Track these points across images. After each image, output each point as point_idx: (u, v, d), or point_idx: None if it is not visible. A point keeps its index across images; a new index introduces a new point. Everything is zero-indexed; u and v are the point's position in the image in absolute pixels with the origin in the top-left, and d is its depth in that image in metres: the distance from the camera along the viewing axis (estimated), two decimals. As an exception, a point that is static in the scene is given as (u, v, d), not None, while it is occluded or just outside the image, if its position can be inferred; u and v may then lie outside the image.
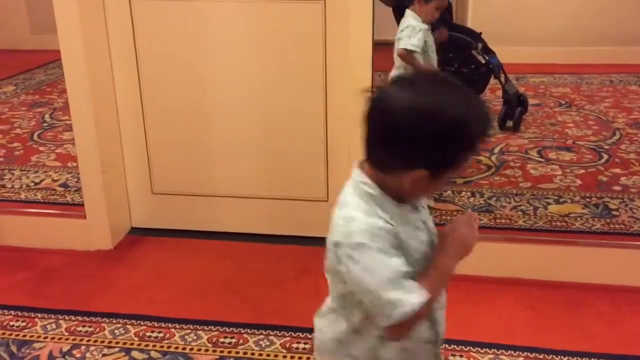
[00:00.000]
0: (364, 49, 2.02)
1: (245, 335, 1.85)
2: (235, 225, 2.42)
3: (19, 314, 1.97)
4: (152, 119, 2.36)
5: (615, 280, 2.04)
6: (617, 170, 2.85)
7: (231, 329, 1.88)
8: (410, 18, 2.84)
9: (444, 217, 2.45)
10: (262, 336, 1.85)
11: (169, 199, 2.44)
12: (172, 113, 2.34)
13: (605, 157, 3.02)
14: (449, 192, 2.67)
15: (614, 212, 2.44)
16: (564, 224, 2.37)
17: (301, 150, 2.31)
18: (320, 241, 2.56)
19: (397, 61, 2.81)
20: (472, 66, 3.54)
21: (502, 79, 3.50)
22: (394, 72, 2.84)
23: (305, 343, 1.81)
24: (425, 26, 2.84)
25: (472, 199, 2.59)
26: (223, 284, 2.12)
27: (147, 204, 2.46)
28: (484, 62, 3.51)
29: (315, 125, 2.27)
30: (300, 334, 1.85)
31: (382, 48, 2.49)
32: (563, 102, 3.90)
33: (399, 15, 3.64)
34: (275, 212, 2.40)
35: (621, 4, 4.61)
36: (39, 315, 1.96)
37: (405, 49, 2.77)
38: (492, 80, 3.61)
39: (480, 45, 3.52)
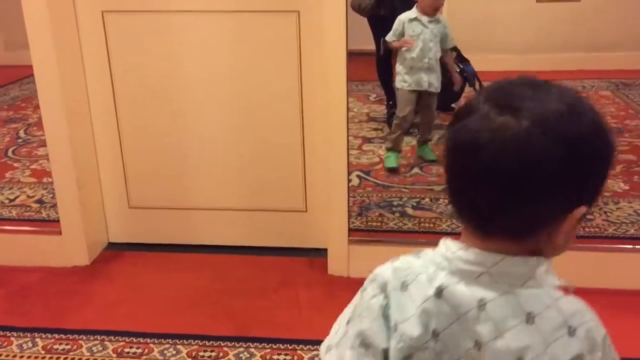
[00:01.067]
0: (339, 59, 2.03)
1: (226, 349, 1.84)
2: (213, 237, 2.41)
3: (-6, 333, 1.94)
4: (128, 132, 2.34)
5: (591, 283, 2.05)
6: (591, 175, 2.89)
7: (211, 342, 1.86)
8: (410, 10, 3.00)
9: (423, 225, 2.47)
10: (242, 349, 1.83)
11: (146, 213, 2.42)
12: (147, 126, 2.33)
13: (580, 161, 3.05)
14: (427, 199, 2.69)
15: (589, 216, 2.46)
16: (540, 228, 2.39)
17: (278, 161, 2.31)
18: (299, 252, 2.58)
19: None
20: (448, 74, 3.57)
21: (477, 86, 3.54)
22: None
23: (285, 355, 1.80)
24: (413, 15, 2.95)
25: (449, 206, 2.61)
26: (202, 297, 2.10)
27: (124, 219, 2.44)
28: (458, 70, 3.54)
29: (291, 136, 2.27)
30: (280, 345, 1.84)
31: (356, 58, 2.51)
32: (537, 109, 3.95)
33: (373, 25, 3.67)
34: (253, 223, 2.39)
35: (591, 11, 4.70)
36: (15, 334, 1.92)
37: (384, 40, 3.02)
38: (467, 88, 3.65)
39: (454, 54, 3.55)
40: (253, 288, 2.15)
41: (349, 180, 2.20)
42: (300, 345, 1.83)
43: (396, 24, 3.00)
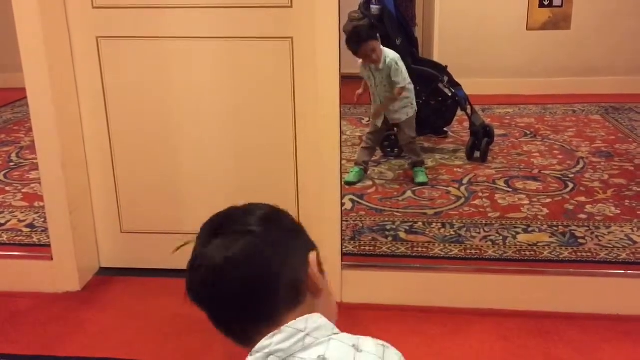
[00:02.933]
0: (332, 83, 2.05)
1: (218, 376, 1.82)
2: (206, 262, 2.39)
3: (-17, 360, 1.91)
4: (121, 157, 2.34)
5: (584, 309, 2.07)
6: (582, 199, 2.91)
7: (203, 369, 1.85)
8: None
9: (416, 249, 2.47)
10: (234, 376, 1.81)
11: (138, 238, 2.41)
12: (140, 151, 2.33)
13: (571, 185, 3.08)
14: (420, 224, 2.69)
15: (581, 241, 2.48)
16: (532, 253, 2.40)
17: (271, 185, 2.31)
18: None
19: None
20: (439, 99, 3.61)
21: (469, 110, 3.57)
22: None
23: (278, 381, 1.78)
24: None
25: (442, 230, 2.62)
26: (196, 323, 2.07)
27: (116, 243, 2.43)
28: (450, 94, 3.58)
29: (285, 161, 2.28)
30: (273, 372, 1.82)
31: (349, 81, 2.54)
32: (528, 132, 3.99)
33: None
34: (246, 248, 2.38)
35: (580, 38, 4.77)
36: (4, 362, 1.90)
37: None
38: (459, 112, 3.68)
39: (446, 79, 3.59)
40: (246, 314, 2.14)
41: (342, 204, 2.20)
42: (294, 372, 1.81)
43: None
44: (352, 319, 2.01)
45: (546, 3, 4.77)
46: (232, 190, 2.34)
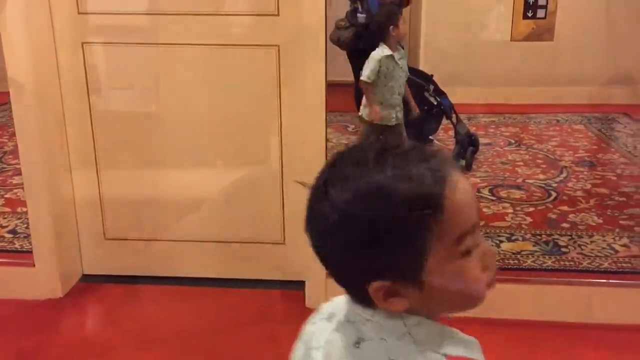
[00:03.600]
0: (318, 91, 2.06)
1: (201, 384, 1.81)
2: (190, 270, 2.38)
3: (-38, 368, 1.89)
4: (105, 163, 2.32)
5: (567, 317, 2.08)
6: (565, 208, 2.94)
7: (186, 377, 1.83)
8: (377, 49, 3.03)
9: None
10: (218, 384, 1.81)
11: (122, 245, 2.39)
12: (125, 157, 2.32)
13: (554, 195, 3.11)
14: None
15: (564, 249, 2.50)
16: (516, 261, 2.41)
17: (257, 193, 2.31)
18: (277, 284, 2.55)
19: None
20: (425, 107, 3.63)
21: (454, 119, 3.60)
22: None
23: (262, 390, 1.78)
24: (388, 52, 3.00)
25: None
26: (178, 331, 2.07)
27: (100, 250, 2.41)
28: (435, 103, 3.60)
29: (270, 167, 2.28)
30: (257, 380, 1.82)
31: (335, 89, 2.54)
32: (513, 141, 4.02)
33: (353, 59, 3.73)
34: (230, 255, 2.37)
35: (564, 48, 4.82)
36: (-16, 370, 1.88)
37: (362, 80, 3.03)
38: (444, 121, 3.71)
39: (432, 87, 3.62)
40: (229, 322, 2.13)
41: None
42: (277, 381, 1.81)
43: (373, 63, 2.99)
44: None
45: (530, 15, 4.82)
46: (216, 197, 2.33)
